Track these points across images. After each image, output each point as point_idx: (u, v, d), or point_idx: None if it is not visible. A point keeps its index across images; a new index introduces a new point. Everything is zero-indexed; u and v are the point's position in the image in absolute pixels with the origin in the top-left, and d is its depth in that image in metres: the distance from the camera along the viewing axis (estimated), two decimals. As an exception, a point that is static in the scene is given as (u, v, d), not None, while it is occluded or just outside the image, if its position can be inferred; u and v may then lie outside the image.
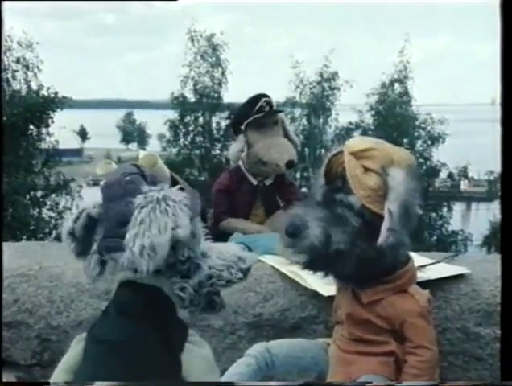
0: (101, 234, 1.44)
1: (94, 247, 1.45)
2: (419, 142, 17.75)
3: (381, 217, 1.48)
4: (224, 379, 1.67)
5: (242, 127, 2.42)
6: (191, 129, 18.52)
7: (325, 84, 18.43)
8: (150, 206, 1.35)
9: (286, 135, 2.45)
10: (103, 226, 1.43)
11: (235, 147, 2.46)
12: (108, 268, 1.45)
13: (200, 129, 18.53)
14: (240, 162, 2.47)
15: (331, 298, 1.84)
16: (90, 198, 1.52)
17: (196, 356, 1.41)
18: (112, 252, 1.40)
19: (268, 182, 2.42)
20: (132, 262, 1.34)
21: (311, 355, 1.74)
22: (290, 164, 2.34)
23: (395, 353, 1.61)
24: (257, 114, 2.37)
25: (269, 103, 2.38)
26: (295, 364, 1.73)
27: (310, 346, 1.78)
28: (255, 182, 2.41)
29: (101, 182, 1.50)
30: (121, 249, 1.37)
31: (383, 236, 1.46)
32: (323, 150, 18.15)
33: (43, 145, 15.34)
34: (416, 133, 17.77)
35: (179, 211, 1.36)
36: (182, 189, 1.43)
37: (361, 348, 1.65)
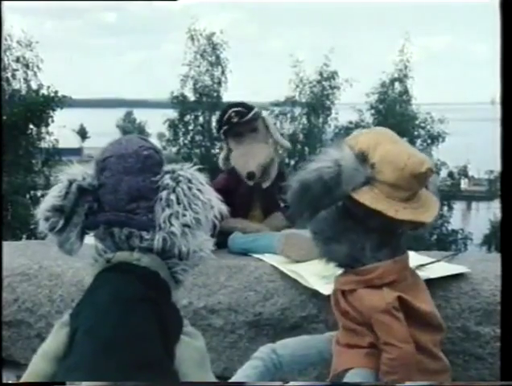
0: (100, 207, 1.37)
1: (76, 220, 1.36)
2: (418, 141, 17.74)
3: None
4: (232, 381, 1.67)
5: (222, 137, 2.44)
6: (190, 128, 18.51)
7: (325, 83, 18.41)
8: (184, 186, 1.34)
9: (270, 136, 2.43)
10: (106, 198, 1.37)
11: (221, 156, 2.50)
12: (106, 247, 1.38)
13: (199, 128, 18.52)
14: None
15: (331, 297, 1.85)
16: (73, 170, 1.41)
17: (191, 349, 1.34)
18: (113, 227, 1.35)
19: (265, 184, 2.41)
20: (171, 244, 1.31)
21: (317, 350, 1.74)
22: (249, 176, 2.30)
23: (376, 346, 1.59)
24: (224, 126, 2.38)
25: (239, 113, 2.37)
26: (302, 362, 1.73)
27: (315, 341, 1.77)
28: (251, 184, 2.40)
29: (105, 152, 1.41)
30: (124, 225, 1.34)
31: None
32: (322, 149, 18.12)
33: (43, 145, 15.32)
34: (416, 132, 17.78)
35: (210, 189, 1.38)
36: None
37: (350, 340, 1.64)
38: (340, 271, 1.69)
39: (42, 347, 1.36)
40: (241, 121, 2.34)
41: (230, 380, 1.69)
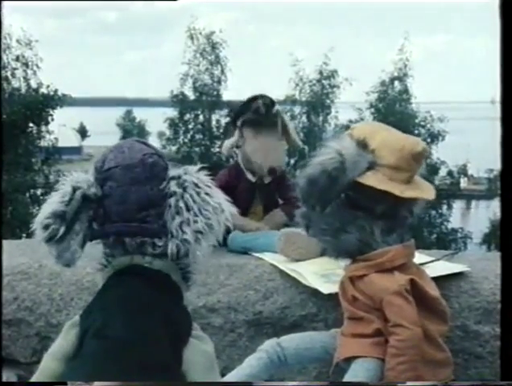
0: (106, 217, 1.35)
1: (77, 227, 1.34)
2: (418, 140, 17.70)
3: None
4: (235, 372, 1.68)
5: (238, 124, 2.43)
6: (190, 126, 18.52)
7: (325, 82, 18.41)
8: (192, 191, 1.33)
9: (285, 134, 2.43)
10: (113, 208, 1.35)
11: (228, 142, 2.49)
12: (116, 253, 1.37)
13: (199, 126, 18.53)
14: (239, 159, 2.48)
15: (330, 296, 1.85)
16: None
17: (199, 352, 1.33)
18: (123, 236, 1.34)
19: (267, 180, 2.41)
20: (184, 250, 1.30)
21: (322, 345, 1.74)
22: (271, 171, 2.35)
23: (383, 333, 1.60)
24: (252, 115, 2.38)
25: (267, 105, 2.37)
26: (306, 356, 1.74)
27: (320, 336, 1.79)
28: (253, 180, 2.41)
29: (106, 161, 1.38)
30: (137, 234, 1.33)
31: None
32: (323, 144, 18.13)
33: (43, 143, 15.35)
34: (416, 131, 17.73)
35: (218, 192, 1.37)
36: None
37: (355, 329, 1.64)
38: (344, 265, 1.71)
39: (52, 347, 1.36)
40: (268, 114, 2.36)
41: (233, 370, 1.69)
